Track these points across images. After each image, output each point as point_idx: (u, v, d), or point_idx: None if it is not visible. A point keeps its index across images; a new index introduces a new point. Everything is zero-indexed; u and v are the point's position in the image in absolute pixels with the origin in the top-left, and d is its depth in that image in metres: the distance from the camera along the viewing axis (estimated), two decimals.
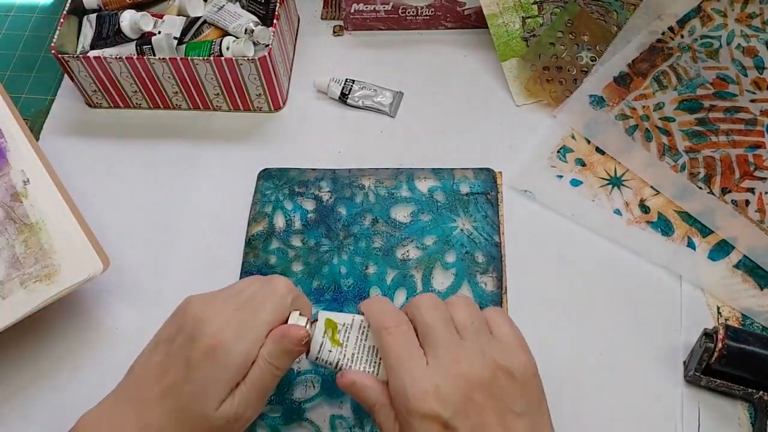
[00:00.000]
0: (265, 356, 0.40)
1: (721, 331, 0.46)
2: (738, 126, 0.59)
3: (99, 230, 0.54)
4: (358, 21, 0.68)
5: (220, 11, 0.62)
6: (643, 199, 0.57)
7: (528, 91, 0.63)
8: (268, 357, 0.40)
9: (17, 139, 0.55)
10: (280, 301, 0.41)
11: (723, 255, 0.54)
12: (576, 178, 0.58)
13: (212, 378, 0.39)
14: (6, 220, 0.52)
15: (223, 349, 0.39)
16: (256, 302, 0.41)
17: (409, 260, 0.55)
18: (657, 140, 0.59)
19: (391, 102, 0.64)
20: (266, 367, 0.40)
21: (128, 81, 0.62)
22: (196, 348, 0.39)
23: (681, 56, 0.63)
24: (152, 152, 0.63)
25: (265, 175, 0.60)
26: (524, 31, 0.65)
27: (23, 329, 0.53)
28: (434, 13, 0.67)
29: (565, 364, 0.50)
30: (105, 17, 0.63)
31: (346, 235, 0.56)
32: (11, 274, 0.50)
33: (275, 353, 0.40)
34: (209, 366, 0.39)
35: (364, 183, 0.59)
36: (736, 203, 0.56)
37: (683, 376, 0.49)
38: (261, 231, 0.57)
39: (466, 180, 0.58)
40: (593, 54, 0.64)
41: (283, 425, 0.49)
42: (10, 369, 0.53)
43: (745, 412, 0.48)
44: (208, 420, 0.39)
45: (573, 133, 0.61)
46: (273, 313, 0.41)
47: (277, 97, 0.64)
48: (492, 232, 0.55)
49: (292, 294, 0.42)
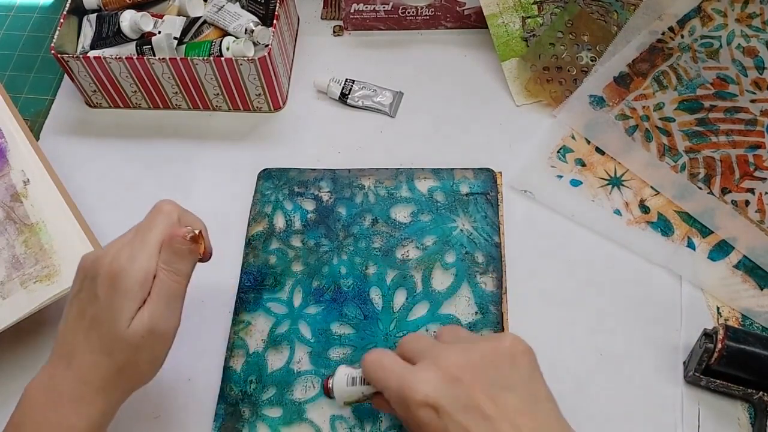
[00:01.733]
0: (162, 265, 0.42)
1: (721, 331, 0.46)
2: (738, 126, 0.59)
3: (99, 230, 0.54)
4: (357, 21, 0.68)
5: (220, 11, 0.62)
6: (643, 200, 0.57)
7: (528, 91, 0.63)
8: (163, 264, 0.42)
9: (17, 139, 0.55)
10: (165, 218, 0.43)
11: (723, 255, 0.54)
12: (576, 178, 0.58)
13: (119, 301, 0.40)
14: (6, 221, 0.52)
15: (120, 273, 0.40)
16: (144, 227, 0.43)
17: (408, 260, 0.55)
18: (657, 140, 0.59)
19: (391, 102, 0.64)
20: (166, 276, 0.42)
21: (128, 81, 0.62)
22: (99, 284, 0.41)
23: (681, 56, 0.63)
24: (152, 152, 0.63)
25: (265, 175, 0.60)
26: (524, 31, 0.65)
27: (23, 329, 0.53)
28: (434, 13, 0.67)
29: (565, 364, 0.50)
30: (105, 17, 0.63)
31: (345, 235, 0.56)
32: (11, 274, 0.50)
33: (168, 258, 0.42)
34: (113, 292, 0.40)
35: (364, 183, 0.59)
36: (736, 203, 0.56)
37: (683, 377, 0.49)
38: (261, 231, 0.57)
39: (466, 180, 0.58)
40: (593, 54, 0.64)
41: (283, 425, 0.49)
42: (10, 369, 0.53)
43: (745, 413, 0.48)
44: (125, 339, 0.40)
45: (573, 133, 0.61)
46: (161, 229, 0.43)
47: (277, 97, 0.64)
48: (492, 233, 0.55)
49: (177, 211, 0.44)
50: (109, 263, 0.41)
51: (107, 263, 0.41)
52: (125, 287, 0.40)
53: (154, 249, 0.42)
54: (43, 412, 0.40)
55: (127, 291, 0.40)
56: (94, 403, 0.41)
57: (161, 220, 0.43)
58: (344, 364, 0.46)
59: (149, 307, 0.41)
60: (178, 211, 0.44)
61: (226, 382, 0.51)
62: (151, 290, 0.41)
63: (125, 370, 0.41)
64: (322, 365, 0.51)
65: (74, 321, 0.42)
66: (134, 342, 0.41)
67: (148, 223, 0.43)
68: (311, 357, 0.51)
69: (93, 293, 0.41)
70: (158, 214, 0.44)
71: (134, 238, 0.43)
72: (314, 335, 0.52)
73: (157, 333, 0.41)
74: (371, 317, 0.52)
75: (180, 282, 0.43)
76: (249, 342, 0.52)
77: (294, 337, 0.52)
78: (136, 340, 0.41)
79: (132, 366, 0.41)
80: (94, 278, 0.41)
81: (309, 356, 0.51)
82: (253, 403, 0.50)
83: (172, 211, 0.44)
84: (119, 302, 0.40)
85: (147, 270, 0.41)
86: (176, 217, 0.44)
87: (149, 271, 0.41)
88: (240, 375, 0.51)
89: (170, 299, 0.42)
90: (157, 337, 0.42)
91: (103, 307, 0.41)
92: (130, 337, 0.40)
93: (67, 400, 0.40)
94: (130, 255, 0.41)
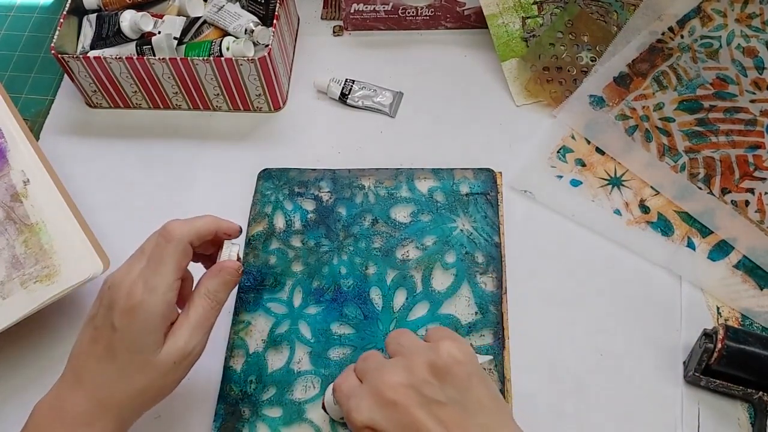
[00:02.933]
0: (205, 293, 0.43)
1: (720, 331, 0.46)
2: (738, 126, 0.59)
3: (99, 230, 0.54)
4: (357, 21, 0.68)
5: (220, 11, 0.62)
6: (643, 200, 0.57)
7: (528, 91, 0.63)
8: (208, 293, 0.43)
9: (17, 139, 0.55)
10: (176, 246, 0.43)
11: (723, 255, 0.54)
12: (576, 179, 0.58)
13: (141, 333, 0.41)
14: (6, 221, 0.52)
15: (140, 307, 0.41)
16: (157, 255, 0.43)
17: (408, 260, 0.55)
18: (657, 140, 0.59)
19: (391, 102, 0.64)
20: (207, 304, 0.43)
21: (128, 81, 0.62)
22: (115, 314, 0.41)
23: (681, 56, 0.63)
24: (152, 152, 0.63)
25: (265, 175, 0.60)
26: (524, 31, 0.65)
27: (23, 329, 0.53)
28: (434, 13, 0.67)
29: (565, 364, 0.50)
30: (105, 17, 0.63)
31: (346, 235, 0.56)
32: (11, 274, 0.50)
33: (215, 287, 0.44)
34: (134, 325, 0.41)
35: (364, 183, 0.59)
36: (735, 203, 0.56)
37: (683, 377, 0.49)
38: (261, 231, 0.57)
39: (466, 180, 0.58)
40: (593, 54, 0.64)
41: (283, 425, 0.49)
42: (10, 369, 0.53)
43: (745, 413, 0.48)
44: (155, 366, 0.41)
45: (573, 133, 0.61)
46: (175, 260, 0.42)
47: (277, 97, 0.64)
48: (492, 233, 0.55)
49: (188, 233, 0.43)
50: (126, 295, 0.41)
51: (124, 295, 0.41)
52: (147, 320, 0.41)
53: (172, 280, 0.42)
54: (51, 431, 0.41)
55: (149, 323, 0.41)
56: (105, 425, 0.41)
57: (175, 248, 0.42)
58: None
59: (185, 333, 0.42)
60: (190, 232, 0.44)
61: (226, 382, 0.51)
62: (190, 316, 0.43)
63: (147, 391, 0.42)
64: (322, 365, 0.51)
65: (88, 346, 0.42)
66: (166, 368, 0.41)
67: (159, 251, 0.42)
68: (311, 357, 0.51)
69: (109, 322, 0.41)
70: (169, 241, 0.43)
71: (147, 267, 0.42)
72: (314, 335, 0.52)
73: (191, 357, 0.42)
74: (371, 317, 0.52)
75: (219, 309, 0.44)
76: (249, 342, 0.52)
77: (294, 337, 0.52)
78: (168, 366, 0.41)
79: (157, 388, 0.42)
80: (110, 308, 0.41)
81: (309, 356, 0.51)
82: (253, 403, 0.50)
83: (183, 237, 0.43)
84: (142, 335, 0.41)
85: (169, 302, 0.41)
86: (188, 241, 0.43)
87: (171, 302, 0.42)
88: (240, 375, 0.51)
89: (207, 326, 0.43)
90: (189, 361, 0.43)
91: (123, 338, 0.41)
92: (162, 363, 0.41)
93: (76, 422, 0.41)
94: (147, 287, 0.41)
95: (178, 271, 0.42)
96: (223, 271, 0.44)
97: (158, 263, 0.42)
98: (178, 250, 0.43)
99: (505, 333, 0.51)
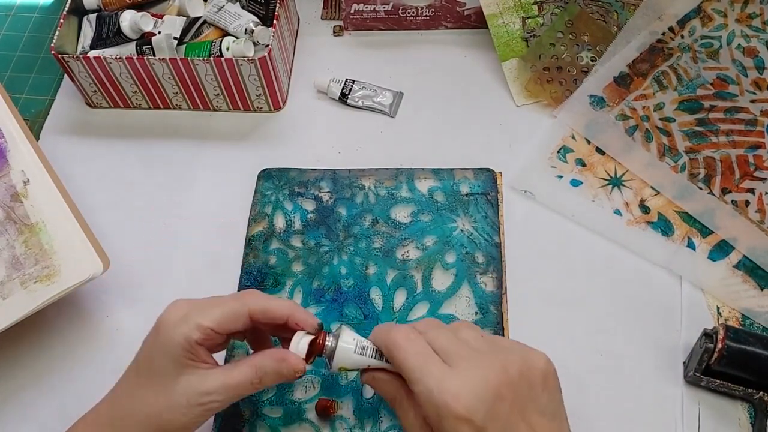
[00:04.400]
0: (258, 368, 0.41)
1: (721, 331, 0.46)
2: (738, 126, 0.59)
3: (99, 230, 0.54)
4: (358, 21, 0.68)
5: (220, 11, 0.62)
6: (643, 200, 0.57)
7: (528, 91, 0.63)
8: (259, 370, 0.41)
9: (17, 139, 0.55)
10: (238, 307, 0.42)
11: (723, 255, 0.54)
12: (576, 179, 0.58)
13: (159, 346, 0.41)
14: (6, 221, 0.52)
15: (165, 324, 0.41)
16: (219, 302, 0.42)
17: (409, 260, 0.55)
18: (657, 140, 0.59)
19: (391, 102, 0.64)
20: (251, 377, 0.41)
21: (128, 81, 0.62)
22: (151, 331, 0.42)
23: (681, 56, 0.63)
24: (152, 152, 0.63)
25: (265, 175, 0.60)
26: (524, 31, 0.65)
27: (23, 329, 0.53)
28: (434, 13, 0.67)
29: (565, 364, 0.50)
30: (105, 17, 0.63)
31: (346, 235, 0.56)
32: (11, 274, 0.50)
33: (268, 370, 0.41)
34: (155, 337, 0.41)
35: (364, 183, 0.59)
36: (736, 203, 0.56)
37: (683, 377, 0.49)
38: (261, 231, 0.57)
39: (466, 180, 0.58)
40: (593, 54, 0.64)
41: (283, 425, 0.49)
42: (10, 369, 0.53)
43: (745, 413, 0.48)
44: (167, 391, 0.40)
45: (573, 133, 0.61)
46: (226, 315, 0.41)
47: (277, 97, 0.64)
48: (492, 233, 0.55)
49: (255, 307, 0.42)
50: (164, 311, 0.42)
51: (164, 311, 0.42)
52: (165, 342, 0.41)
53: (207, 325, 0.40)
54: None
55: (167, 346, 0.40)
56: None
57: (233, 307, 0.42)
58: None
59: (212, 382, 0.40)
60: (259, 304, 0.42)
61: None
62: (229, 371, 0.41)
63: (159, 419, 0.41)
64: (323, 365, 0.51)
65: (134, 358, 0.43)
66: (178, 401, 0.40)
67: (223, 302, 0.42)
68: None
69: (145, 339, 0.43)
70: (236, 300, 0.42)
71: (202, 301, 0.42)
72: None
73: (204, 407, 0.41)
74: (371, 317, 0.52)
75: (257, 390, 0.42)
76: None
77: None
78: (180, 400, 0.40)
79: (166, 421, 0.41)
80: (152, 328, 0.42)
81: None
82: (253, 403, 0.50)
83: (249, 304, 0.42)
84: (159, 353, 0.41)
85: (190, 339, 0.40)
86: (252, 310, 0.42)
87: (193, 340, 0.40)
88: None
89: (236, 395, 0.41)
90: (201, 410, 0.41)
91: (147, 349, 0.42)
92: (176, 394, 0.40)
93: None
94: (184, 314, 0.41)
95: (221, 325, 0.41)
96: (284, 363, 0.41)
97: (212, 306, 0.41)
98: (236, 311, 0.41)
99: (505, 333, 0.51)
